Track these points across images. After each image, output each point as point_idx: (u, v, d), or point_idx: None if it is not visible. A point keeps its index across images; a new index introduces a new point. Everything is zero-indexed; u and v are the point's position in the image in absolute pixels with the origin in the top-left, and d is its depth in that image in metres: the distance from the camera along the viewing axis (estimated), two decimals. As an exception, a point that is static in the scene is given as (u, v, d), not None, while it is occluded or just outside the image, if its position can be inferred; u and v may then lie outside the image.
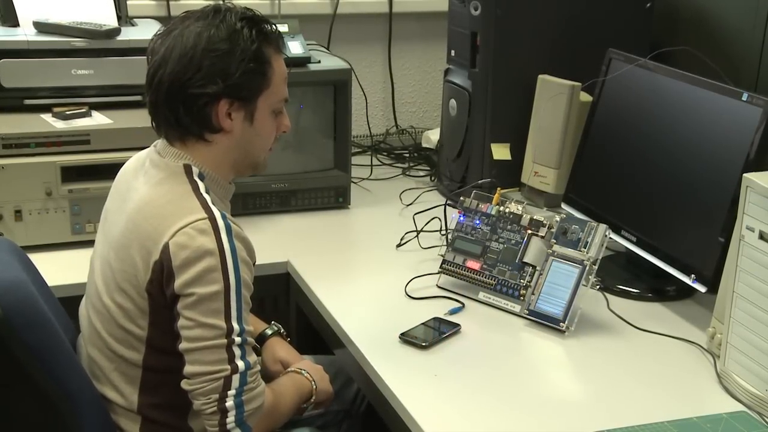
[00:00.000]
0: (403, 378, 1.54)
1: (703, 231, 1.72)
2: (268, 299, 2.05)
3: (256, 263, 1.47)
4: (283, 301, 2.10)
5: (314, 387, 1.55)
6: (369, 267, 1.99)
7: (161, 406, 1.46)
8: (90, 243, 1.62)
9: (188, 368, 1.36)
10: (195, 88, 1.39)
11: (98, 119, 2.07)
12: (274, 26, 1.46)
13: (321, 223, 2.25)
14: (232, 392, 1.35)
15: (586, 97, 2.17)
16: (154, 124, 1.47)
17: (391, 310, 1.77)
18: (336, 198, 2.31)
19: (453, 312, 1.77)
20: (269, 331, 1.70)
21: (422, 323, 1.69)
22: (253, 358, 1.39)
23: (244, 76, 1.40)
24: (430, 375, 1.56)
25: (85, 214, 2.01)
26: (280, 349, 1.67)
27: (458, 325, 1.71)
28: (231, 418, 1.35)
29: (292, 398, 1.52)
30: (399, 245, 2.08)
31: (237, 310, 1.35)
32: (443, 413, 1.46)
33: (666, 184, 1.84)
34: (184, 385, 1.38)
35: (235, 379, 1.35)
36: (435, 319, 1.73)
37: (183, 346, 1.36)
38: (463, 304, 1.79)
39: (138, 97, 2.11)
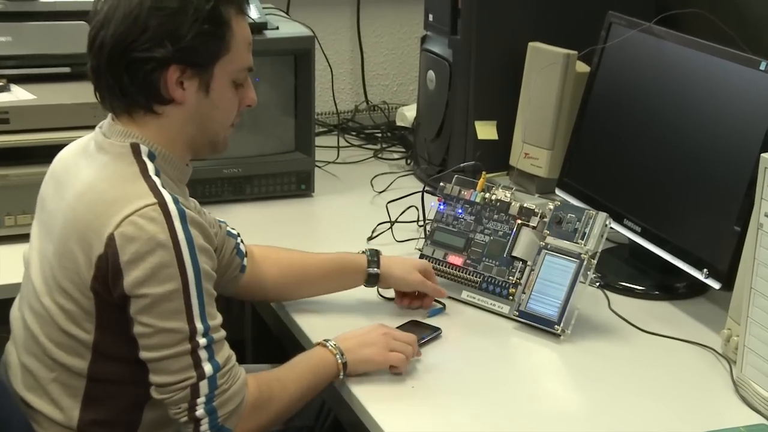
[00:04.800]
0: (375, 389, 1.53)
1: (717, 219, 1.72)
2: (219, 302, 2.02)
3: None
4: (237, 304, 2.08)
5: (340, 362, 1.54)
6: (336, 263, 1.99)
7: (105, 424, 1.45)
8: (12, 238, 1.61)
9: (153, 377, 1.38)
10: (140, 51, 1.38)
11: (18, 94, 2.05)
12: None
13: (281, 213, 2.23)
14: (201, 399, 1.37)
15: (583, 67, 2.17)
16: (97, 95, 1.47)
17: (362, 313, 1.77)
18: (298, 185, 2.30)
19: (433, 314, 1.77)
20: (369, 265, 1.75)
21: (397, 327, 1.69)
22: (223, 355, 1.40)
23: (198, 38, 1.39)
24: (407, 386, 1.55)
25: (4, 205, 1.97)
26: (393, 267, 1.75)
27: (438, 329, 1.70)
28: (205, 426, 1.38)
29: (300, 383, 1.51)
30: (370, 238, 2.07)
31: (199, 306, 1.36)
32: (421, 430, 1.45)
33: (674, 165, 1.84)
34: (152, 392, 1.39)
35: (203, 386, 1.37)
36: (412, 322, 1.72)
37: (143, 355, 1.37)
38: (444, 305, 1.79)
39: (66, 69, 2.12)
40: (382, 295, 1.82)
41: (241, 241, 1.70)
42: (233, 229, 1.70)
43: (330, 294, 1.81)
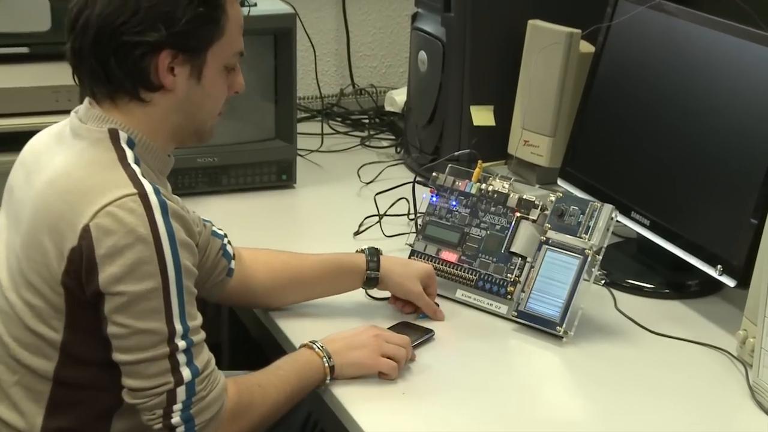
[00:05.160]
0: (364, 398, 1.53)
1: (732, 211, 1.72)
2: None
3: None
4: (213, 307, 2.07)
5: (327, 365, 1.55)
6: (320, 260, 1.98)
7: None
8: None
9: (126, 380, 1.39)
10: (131, 34, 1.38)
11: (-28, 77, 2.05)
12: None
13: (260, 206, 2.23)
14: (178, 406, 1.38)
15: (587, 47, 2.17)
16: (76, 79, 1.47)
17: (348, 314, 1.77)
18: (278, 175, 2.30)
19: (424, 315, 1.76)
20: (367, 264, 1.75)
21: (386, 329, 1.68)
22: (202, 359, 1.41)
23: (193, 22, 1.40)
24: (397, 393, 1.55)
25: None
26: (394, 271, 1.75)
27: (431, 331, 1.70)
28: None
29: (284, 388, 1.52)
30: (357, 233, 2.08)
31: (179, 306, 1.37)
32: (413, 441, 1.46)
33: (686, 153, 1.84)
34: (125, 396, 1.40)
35: (181, 392, 1.38)
36: (402, 323, 1.73)
37: (117, 357, 1.38)
38: (437, 305, 1.79)
39: (24, 49, 2.10)
40: (370, 296, 1.81)
41: (228, 242, 1.69)
42: (220, 229, 1.69)
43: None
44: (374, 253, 1.76)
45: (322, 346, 1.56)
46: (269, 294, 1.75)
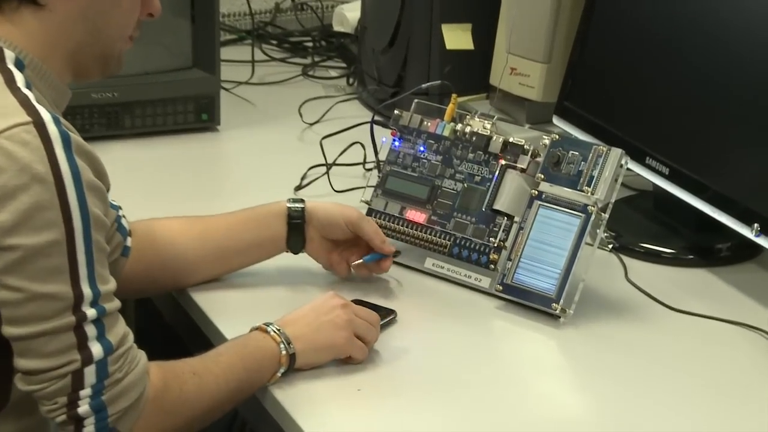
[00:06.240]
0: (308, 395, 1.54)
1: (772, 156, 1.74)
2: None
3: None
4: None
5: (285, 353, 1.56)
6: (252, 223, 1.99)
7: None
8: None
9: (20, 362, 1.38)
10: None
11: None
12: None
13: (173, 154, 2.24)
14: (86, 392, 1.38)
15: (589, -52, 2.17)
16: None
17: (289, 291, 1.78)
18: (197, 114, 2.31)
19: (372, 256, 1.77)
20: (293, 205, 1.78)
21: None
22: (117, 333, 1.40)
23: None
24: (351, 389, 1.56)
25: None
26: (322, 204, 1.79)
27: (393, 311, 1.71)
28: (89, 428, 1.39)
29: (226, 380, 1.52)
30: (299, 187, 2.09)
31: (87, 264, 1.37)
32: (371, 449, 1.47)
33: (716, 83, 1.85)
34: (19, 382, 1.39)
35: (89, 373, 1.37)
36: (357, 302, 1.72)
37: (8, 330, 1.37)
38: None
39: None
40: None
41: (124, 216, 1.70)
42: (114, 200, 1.69)
43: (246, 269, 1.83)
44: (297, 199, 1.80)
45: (278, 330, 1.57)
46: (176, 270, 1.76)
